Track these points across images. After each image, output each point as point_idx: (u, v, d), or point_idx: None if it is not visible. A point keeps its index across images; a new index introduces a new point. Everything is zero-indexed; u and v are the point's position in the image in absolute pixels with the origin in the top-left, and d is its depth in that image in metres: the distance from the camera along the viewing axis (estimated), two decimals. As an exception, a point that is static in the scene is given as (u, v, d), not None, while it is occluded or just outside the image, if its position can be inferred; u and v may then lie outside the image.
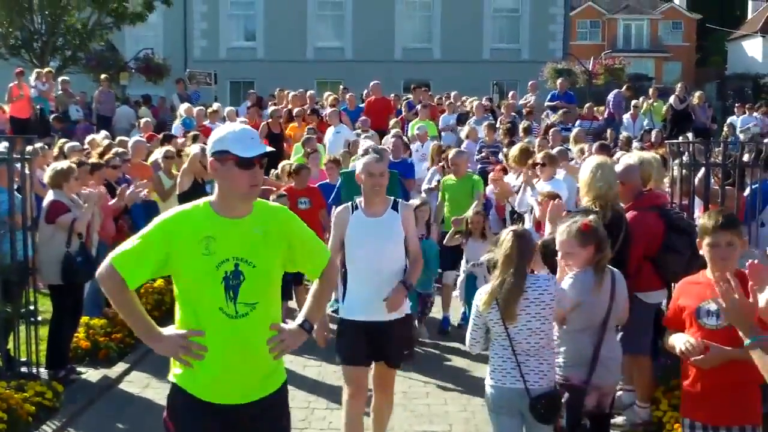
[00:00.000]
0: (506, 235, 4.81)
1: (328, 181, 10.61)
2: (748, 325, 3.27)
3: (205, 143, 12.13)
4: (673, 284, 6.64)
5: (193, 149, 9.97)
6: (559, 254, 5.08)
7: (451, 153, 10.55)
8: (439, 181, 11.00)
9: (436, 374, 8.00)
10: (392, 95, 20.32)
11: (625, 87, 21.33)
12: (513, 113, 18.21)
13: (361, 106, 18.64)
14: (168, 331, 3.56)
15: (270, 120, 16.18)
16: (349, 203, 5.69)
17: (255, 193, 3.54)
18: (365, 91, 19.81)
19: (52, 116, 18.87)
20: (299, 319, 3.78)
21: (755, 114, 21.86)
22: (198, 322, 3.50)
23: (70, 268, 7.59)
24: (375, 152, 5.53)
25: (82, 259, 7.68)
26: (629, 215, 6.22)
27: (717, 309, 3.98)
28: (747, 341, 3.26)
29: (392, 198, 5.69)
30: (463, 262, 9.21)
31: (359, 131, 14.89)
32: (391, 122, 16.49)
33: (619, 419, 6.39)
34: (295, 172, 10.12)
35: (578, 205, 6.97)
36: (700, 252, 4.19)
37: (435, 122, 17.12)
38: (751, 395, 4.11)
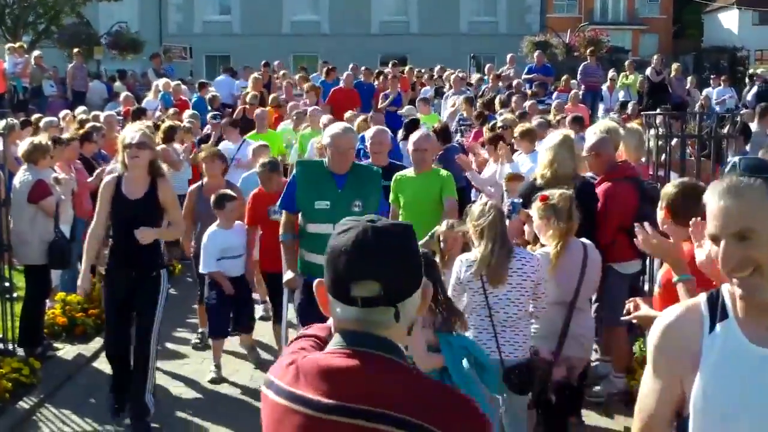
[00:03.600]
0: (484, 207, 4.88)
1: None
2: (677, 266, 3.64)
3: (178, 120, 11.95)
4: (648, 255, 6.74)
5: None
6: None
7: (415, 135, 7.18)
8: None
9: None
10: (363, 68, 18.83)
11: (588, 53, 21.25)
12: (499, 85, 18.14)
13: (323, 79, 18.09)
14: None
15: (247, 106, 14.94)
16: (685, 307, 2.30)
17: None
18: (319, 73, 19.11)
19: (26, 92, 18.64)
20: None
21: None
22: None
23: (61, 253, 7.48)
24: None
25: (65, 242, 7.60)
26: (603, 186, 6.25)
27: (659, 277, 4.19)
28: (675, 278, 3.62)
29: None
30: None
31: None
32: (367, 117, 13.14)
33: (595, 389, 6.46)
34: (267, 169, 7.54)
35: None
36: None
37: (406, 95, 17.01)
38: None
